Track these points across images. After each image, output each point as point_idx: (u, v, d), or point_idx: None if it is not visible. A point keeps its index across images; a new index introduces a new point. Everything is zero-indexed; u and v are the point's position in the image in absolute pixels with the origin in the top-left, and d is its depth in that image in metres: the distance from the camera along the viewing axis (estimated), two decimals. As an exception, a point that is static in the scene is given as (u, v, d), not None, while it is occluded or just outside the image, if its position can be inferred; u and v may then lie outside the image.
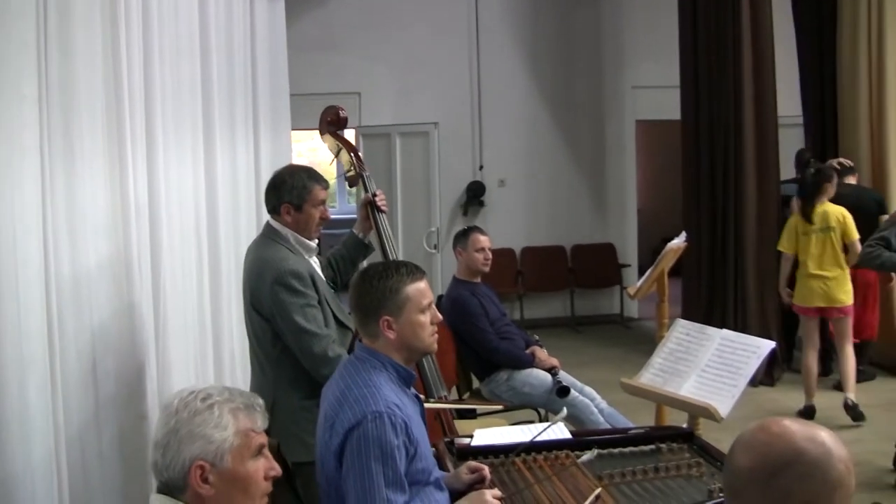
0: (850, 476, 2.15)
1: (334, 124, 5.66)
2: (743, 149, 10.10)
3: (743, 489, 2.14)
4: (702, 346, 4.68)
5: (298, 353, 4.52)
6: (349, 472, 3.28)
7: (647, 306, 11.96)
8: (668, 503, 3.58)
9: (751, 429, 2.21)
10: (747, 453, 2.15)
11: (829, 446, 2.14)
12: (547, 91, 13.45)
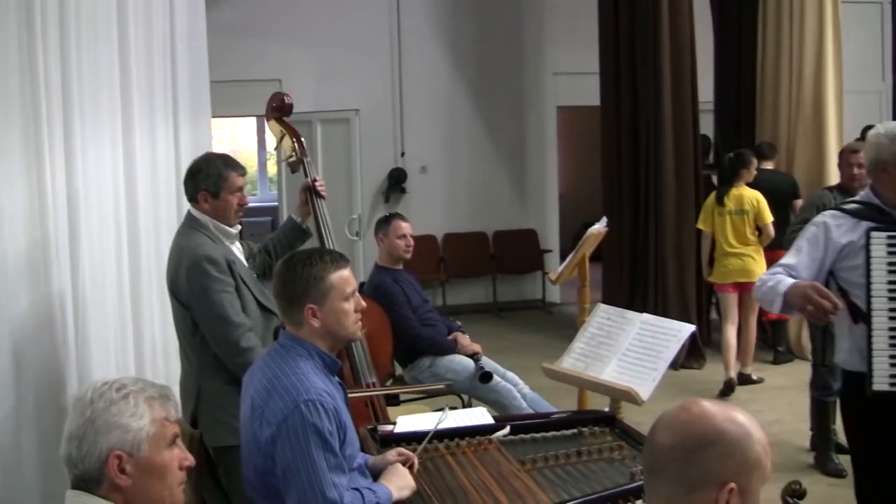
0: (767, 458, 2.19)
1: (279, 110, 5.68)
2: (662, 134, 10.20)
3: (663, 468, 2.16)
4: (623, 331, 4.72)
5: (211, 340, 4.53)
6: (289, 462, 3.28)
7: (569, 291, 12.06)
8: (590, 486, 3.61)
9: (672, 409, 2.24)
10: (668, 433, 2.18)
11: (749, 427, 2.18)
12: (468, 77, 13.46)
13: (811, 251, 4.39)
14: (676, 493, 2.14)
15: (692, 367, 9.94)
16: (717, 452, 2.13)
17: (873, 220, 4.24)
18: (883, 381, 4.08)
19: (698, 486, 2.13)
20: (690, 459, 2.13)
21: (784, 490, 2.79)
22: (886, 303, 4.07)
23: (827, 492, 6.63)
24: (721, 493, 2.12)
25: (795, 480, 2.81)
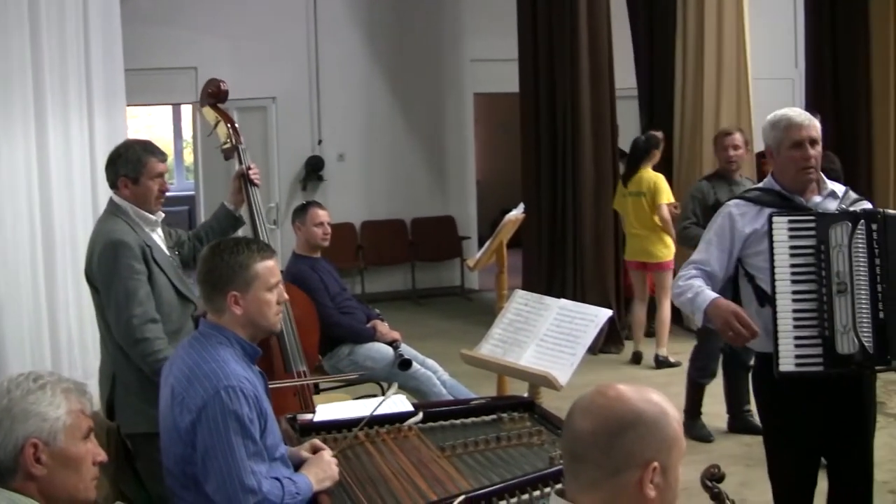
0: (682, 432, 2.24)
1: (214, 97, 5.63)
2: (580, 121, 10.27)
3: (585, 453, 2.18)
4: (540, 316, 4.75)
5: (113, 325, 4.51)
6: (208, 449, 3.26)
7: (488, 278, 12.10)
8: (510, 471, 3.62)
9: (587, 395, 2.25)
10: (587, 418, 2.19)
11: (664, 406, 2.22)
12: (385, 65, 13.43)
13: (720, 243, 4.47)
14: (601, 477, 2.16)
15: (610, 351, 10.05)
16: (638, 433, 2.16)
17: (775, 206, 4.32)
18: (789, 362, 4.15)
19: (622, 467, 2.15)
20: (613, 443, 2.15)
21: (703, 474, 2.82)
22: (789, 285, 4.14)
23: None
24: (645, 472, 2.14)
25: (714, 465, 2.84)
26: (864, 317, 4.07)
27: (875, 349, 4.05)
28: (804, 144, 4.29)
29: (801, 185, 4.35)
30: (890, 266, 4.05)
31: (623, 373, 9.21)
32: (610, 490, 2.16)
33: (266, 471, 3.35)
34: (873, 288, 4.06)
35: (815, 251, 4.12)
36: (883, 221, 4.08)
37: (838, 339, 4.07)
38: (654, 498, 2.16)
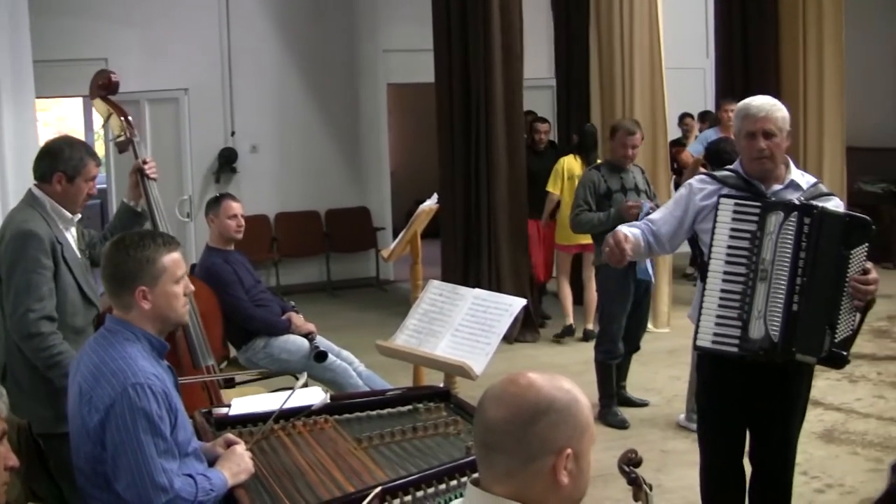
0: (592, 418, 2.26)
1: (105, 88, 5.51)
2: (493, 111, 10.30)
3: (499, 442, 2.17)
4: (455, 306, 4.76)
5: (8, 316, 4.45)
6: (118, 448, 3.22)
7: (403, 268, 12.07)
8: (426, 462, 3.63)
9: (498, 384, 2.25)
10: (500, 407, 2.19)
11: (575, 393, 2.24)
12: (299, 55, 13.34)
13: (674, 210, 4.63)
14: (515, 465, 2.16)
15: (526, 340, 10.11)
16: (551, 420, 2.16)
17: (736, 188, 4.42)
18: (706, 338, 4.28)
19: (537, 455, 2.15)
20: (526, 431, 2.15)
21: (620, 459, 2.84)
22: (722, 265, 4.25)
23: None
24: (559, 459, 2.15)
25: (632, 449, 2.87)
26: (777, 306, 4.15)
27: (781, 339, 4.14)
28: (756, 136, 4.36)
29: (756, 173, 4.43)
30: (816, 261, 4.12)
31: (538, 361, 9.28)
32: (524, 478, 2.16)
33: (178, 468, 3.31)
34: (792, 279, 4.14)
35: (752, 237, 4.22)
36: (819, 217, 4.14)
37: (752, 324, 4.19)
38: (567, 484, 2.17)
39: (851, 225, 4.13)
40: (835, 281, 4.10)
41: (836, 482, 6.33)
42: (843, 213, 4.20)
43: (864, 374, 8.65)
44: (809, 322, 4.12)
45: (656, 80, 10.62)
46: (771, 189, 4.40)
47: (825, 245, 4.12)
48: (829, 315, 4.11)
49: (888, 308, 11.09)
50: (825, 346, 4.12)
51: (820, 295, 4.12)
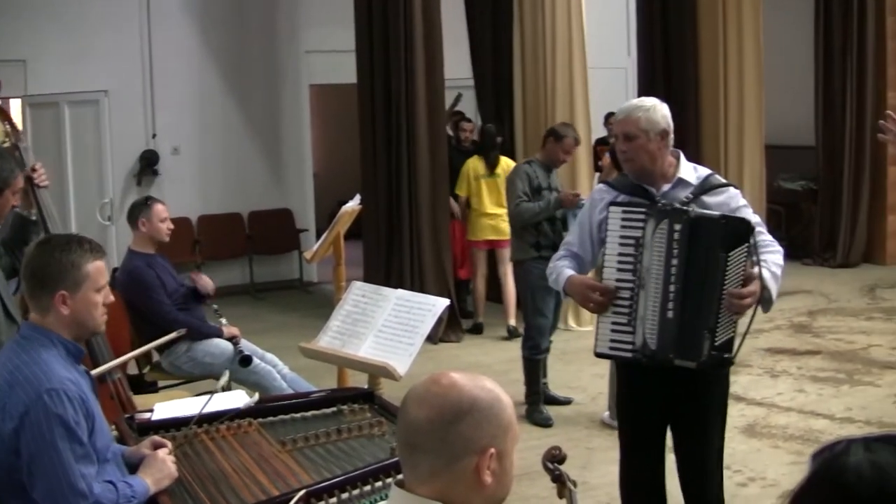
0: (515, 417, 2.26)
1: None
2: (415, 112, 10.31)
3: (422, 443, 2.17)
4: (378, 307, 4.78)
5: None
6: (34, 455, 3.17)
7: (327, 270, 12.07)
8: (351, 463, 3.64)
9: (421, 384, 2.25)
10: (423, 407, 2.19)
11: (497, 392, 2.24)
12: (220, 56, 13.25)
13: (582, 225, 4.62)
14: (439, 465, 2.16)
15: (450, 340, 10.14)
16: (474, 420, 2.16)
17: (628, 192, 4.42)
18: (604, 344, 4.32)
19: (460, 455, 2.15)
20: (450, 431, 2.15)
21: (545, 456, 2.86)
22: (615, 273, 4.27)
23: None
24: (482, 458, 2.15)
25: (555, 446, 2.89)
26: (654, 314, 4.19)
27: (658, 346, 4.19)
28: (618, 138, 4.41)
29: (630, 175, 4.45)
30: (690, 266, 4.13)
31: (463, 361, 9.31)
32: (448, 478, 2.16)
33: (96, 473, 3.28)
34: (666, 286, 4.16)
35: (636, 243, 4.23)
36: (691, 222, 4.14)
37: (637, 331, 4.23)
38: (491, 484, 2.18)
39: (727, 227, 4.10)
40: (711, 285, 4.09)
41: (759, 475, 6.44)
42: (717, 216, 4.16)
43: (784, 368, 8.80)
44: (685, 328, 4.13)
45: (578, 79, 10.70)
46: (661, 189, 4.38)
47: (699, 250, 4.11)
48: (706, 320, 4.10)
49: (808, 303, 11.31)
50: (704, 350, 4.11)
51: (695, 301, 4.12)
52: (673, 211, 4.20)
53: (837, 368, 8.83)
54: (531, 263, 7.60)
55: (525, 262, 7.70)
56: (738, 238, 4.09)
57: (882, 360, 9.07)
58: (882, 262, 13.80)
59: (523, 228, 7.69)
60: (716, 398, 4.49)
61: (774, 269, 4.23)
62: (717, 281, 4.08)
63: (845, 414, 7.62)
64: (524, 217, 7.64)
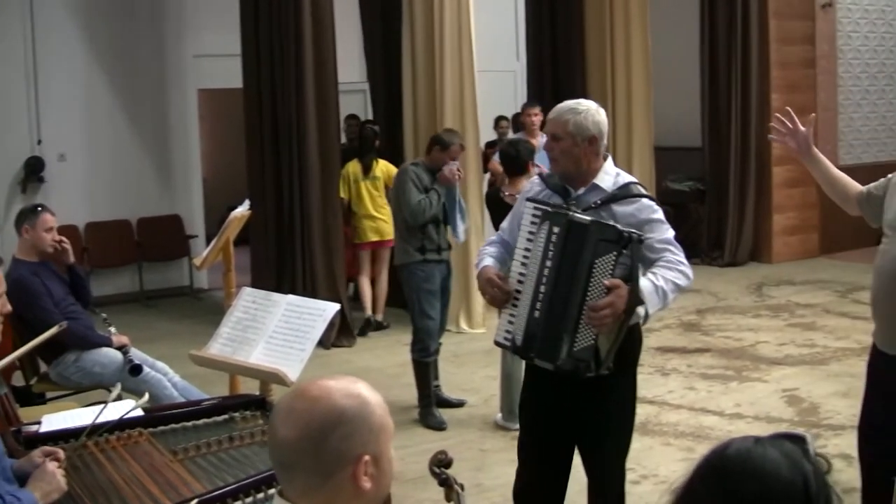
0: (388, 416, 2.24)
1: None
2: (305, 115, 10.27)
3: (295, 461, 2.15)
4: (269, 313, 4.76)
5: None
6: None
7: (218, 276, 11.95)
8: (244, 471, 3.62)
9: (286, 398, 2.23)
10: (290, 425, 2.16)
11: (365, 396, 2.21)
12: (107, 60, 13.01)
13: (515, 213, 4.67)
14: (314, 482, 2.15)
15: (343, 345, 10.11)
16: (344, 433, 2.14)
17: (554, 190, 4.47)
18: (500, 334, 4.41)
19: (335, 469, 2.14)
20: (320, 448, 2.13)
21: (431, 461, 2.86)
22: (518, 266, 4.34)
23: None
24: (358, 467, 2.14)
25: (442, 451, 2.89)
26: (525, 312, 4.27)
27: (523, 344, 4.27)
28: (548, 136, 4.47)
29: (557, 175, 4.50)
30: (561, 269, 4.19)
31: (355, 366, 9.28)
32: (326, 492, 2.15)
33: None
34: (537, 286, 4.24)
35: (535, 240, 4.29)
36: (567, 226, 4.19)
37: (514, 326, 4.31)
38: (370, 488, 2.17)
39: (597, 233, 4.12)
40: (575, 290, 4.13)
41: (651, 473, 6.54)
42: (588, 221, 4.16)
43: (675, 367, 8.96)
44: (547, 329, 4.19)
45: (468, 82, 10.76)
46: (578, 191, 4.41)
47: (570, 254, 4.16)
48: (567, 323, 4.14)
49: (697, 302, 11.51)
50: (562, 353, 4.15)
51: (559, 303, 4.17)
52: (555, 213, 4.26)
53: (726, 365, 9.02)
54: (416, 266, 7.69)
55: (410, 266, 7.75)
56: (607, 246, 4.10)
57: (769, 356, 9.29)
58: (768, 260, 14.13)
59: (409, 232, 7.73)
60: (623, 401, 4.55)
61: (662, 283, 4.21)
62: (581, 286, 4.12)
63: (735, 410, 7.79)
64: (425, 214, 7.65)
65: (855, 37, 15.25)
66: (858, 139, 15.40)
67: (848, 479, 6.12)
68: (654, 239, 4.30)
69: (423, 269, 7.64)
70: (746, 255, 14.14)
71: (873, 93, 15.60)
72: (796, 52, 14.28)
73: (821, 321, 10.62)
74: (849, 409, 7.61)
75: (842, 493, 1.94)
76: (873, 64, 15.56)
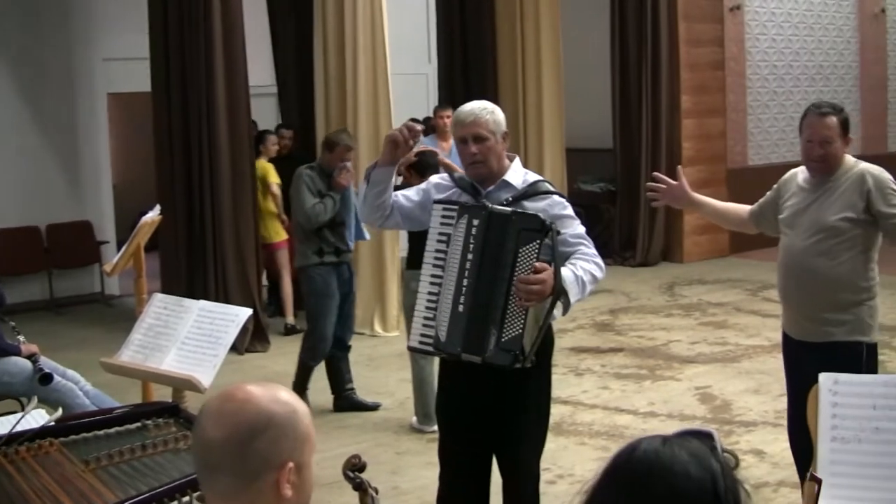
0: (312, 427, 2.24)
1: None
2: (216, 121, 10.19)
3: (219, 462, 2.14)
4: (180, 319, 4.72)
5: None
6: None
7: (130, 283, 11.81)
8: (157, 479, 3.58)
9: (215, 400, 2.21)
10: (217, 426, 2.15)
11: (294, 404, 2.22)
12: (12, 63, 12.77)
13: (416, 192, 4.69)
14: (238, 484, 2.14)
15: (256, 350, 10.05)
16: (271, 436, 2.14)
17: (463, 190, 4.49)
18: (415, 338, 4.39)
19: (260, 472, 2.13)
20: (246, 450, 2.13)
21: (344, 465, 2.85)
22: (430, 269, 4.34)
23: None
24: (282, 473, 2.14)
25: (355, 455, 2.89)
26: (447, 309, 4.26)
27: (447, 339, 4.26)
28: (467, 141, 4.42)
29: (473, 178, 4.50)
30: (483, 262, 4.21)
31: (269, 370, 9.21)
32: (248, 496, 2.14)
33: None
34: (459, 281, 4.24)
35: (447, 240, 4.30)
36: (487, 217, 4.22)
37: (437, 325, 4.29)
38: (291, 497, 2.17)
39: (518, 224, 4.17)
40: (500, 281, 4.16)
41: (566, 472, 6.59)
42: (509, 212, 4.23)
43: (588, 366, 9.03)
44: (473, 322, 4.20)
45: (381, 85, 10.76)
46: (487, 190, 4.45)
47: (492, 246, 4.19)
48: (493, 315, 4.16)
49: (609, 302, 11.63)
50: (489, 345, 4.17)
51: (483, 296, 4.19)
52: (473, 207, 4.29)
53: (640, 365, 9.12)
54: (314, 270, 7.80)
55: (308, 269, 7.84)
56: (530, 235, 4.15)
57: (682, 355, 9.41)
58: (680, 260, 14.32)
59: (306, 235, 7.82)
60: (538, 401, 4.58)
61: (582, 273, 4.27)
62: (505, 276, 4.15)
63: (648, 409, 7.88)
64: (319, 219, 7.72)
65: (763, 39, 15.54)
66: (767, 140, 15.69)
67: (760, 474, 6.26)
68: (568, 234, 4.37)
69: (319, 273, 7.78)
70: (658, 255, 14.31)
71: (781, 94, 15.91)
72: (705, 54, 14.50)
73: (732, 319, 10.79)
74: (760, 406, 7.76)
75: (753, 488, 1.97)
76: (780, 65, 15.87)
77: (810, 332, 4.88)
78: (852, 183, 4.81)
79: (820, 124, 4.83)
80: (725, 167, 14.75)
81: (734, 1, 14.87)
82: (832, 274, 4.79)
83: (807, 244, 4.84)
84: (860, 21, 16.92)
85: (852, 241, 4.79)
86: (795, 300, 4.95)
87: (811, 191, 4.93)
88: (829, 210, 4.83)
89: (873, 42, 17.07)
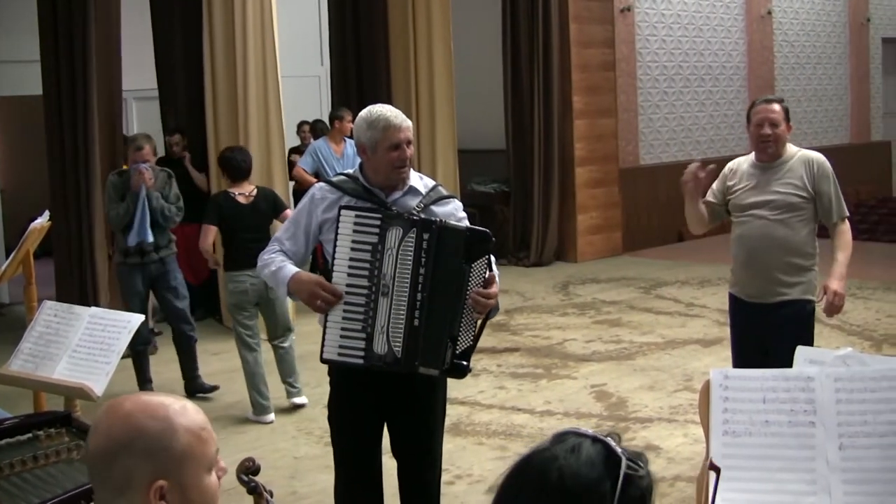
0: (201, 444, 2.15)
1: None
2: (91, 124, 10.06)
3: (94, 475, 2.12)
4: (71, 327, 4.65)
5: None
6: None
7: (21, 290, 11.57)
8: (50, 491, 3.53)
9: (102, 411, 2.16)
10: (95, 437, 2.11)
11: (172, 420, 2.12)
12: None
13: (298, 222, 4.57)
14: (108, 498, 2.09)
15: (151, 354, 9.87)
16: (136, 453, 2.07)
17: (356, 195, 4.42)
18: (332, 350, 4.28)
19: (125, 489, 2.07)
20: (112, 463, 2.07)
21: (238, 469, 2.83)
22: (345, 278, 4.25)
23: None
24: (149, 493, 2.07)
25: (249, 458, 2.87)
26: (399, 322, 4.22)
27: (403, 354, 4.23)
28: (402, 146, 4.38)
29: (393, 183, 4.45)
30: (436, 276, 4.22)
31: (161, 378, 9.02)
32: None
33: None
34: (413, 295, 4.22)
35: (373, 249, 4.23)
36: (438, 232, 4.22)
37: (376, 339, 4.23)
38: None
39: (472, 239, 4.24)
40: (455, 295, 4.22)
41: (465, 472, 6.60)
42: (463, 228, 4.30)
43: (485, 367, 9.05)
44: (430, 336, 4.22)
45: (272, 88, 10.70)
46: (392, 196, 4.43)
47: (445, 260, 4.21)
48: (450, 328, 4.22)
49: (505, 302, 11.62)
50: (447, 358, 4.23)
51: (440, 309, 4.22)
52: (422, 220, 4.26)
53: (536, 364, 9.18)
54: (118, 268, 8.54)
55: (116, 267, 8.63)
56: (481, 249, 4.25)
57: (577, 353, 9.49)
58: (574, 259, 14.45)
59: (116, 237, 8.51)
60: (436, 402, 4.62)
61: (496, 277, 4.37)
62: (460, 290, 4.22)
63: (545, 407, 7.93)
64: (120, 222, 8.23)
65: (653, 40, 15.78)
66: (658, 139, 15.93)
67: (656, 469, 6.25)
68: None
69: (122, 272, 8.44)
70: (552, 255, 14.42)
71: (671, 94, 16.16)
72: (596, 55, 14.66)
73: (626, 317, 10.92)
74: (655, 402, 7.87)
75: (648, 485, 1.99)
76: (670, 66, 16.12)
77: (770, 292, 5.63)
78: (800, 165, 5.63)
79: (768, 109, 5.62)
80: (617, 167, 14.92)
81: (625, 2, 15.07)
82: (792, 242, 5.59)
83: (771, 217, 5.59)
84: (748, 22, 17.28)
85: (806, 214, 5.61)
86: (760, 265, 5.63)
87: (761, 174, 5.68)
88: (784, 188, 5.60)
89: (760, 43, 17.44)
